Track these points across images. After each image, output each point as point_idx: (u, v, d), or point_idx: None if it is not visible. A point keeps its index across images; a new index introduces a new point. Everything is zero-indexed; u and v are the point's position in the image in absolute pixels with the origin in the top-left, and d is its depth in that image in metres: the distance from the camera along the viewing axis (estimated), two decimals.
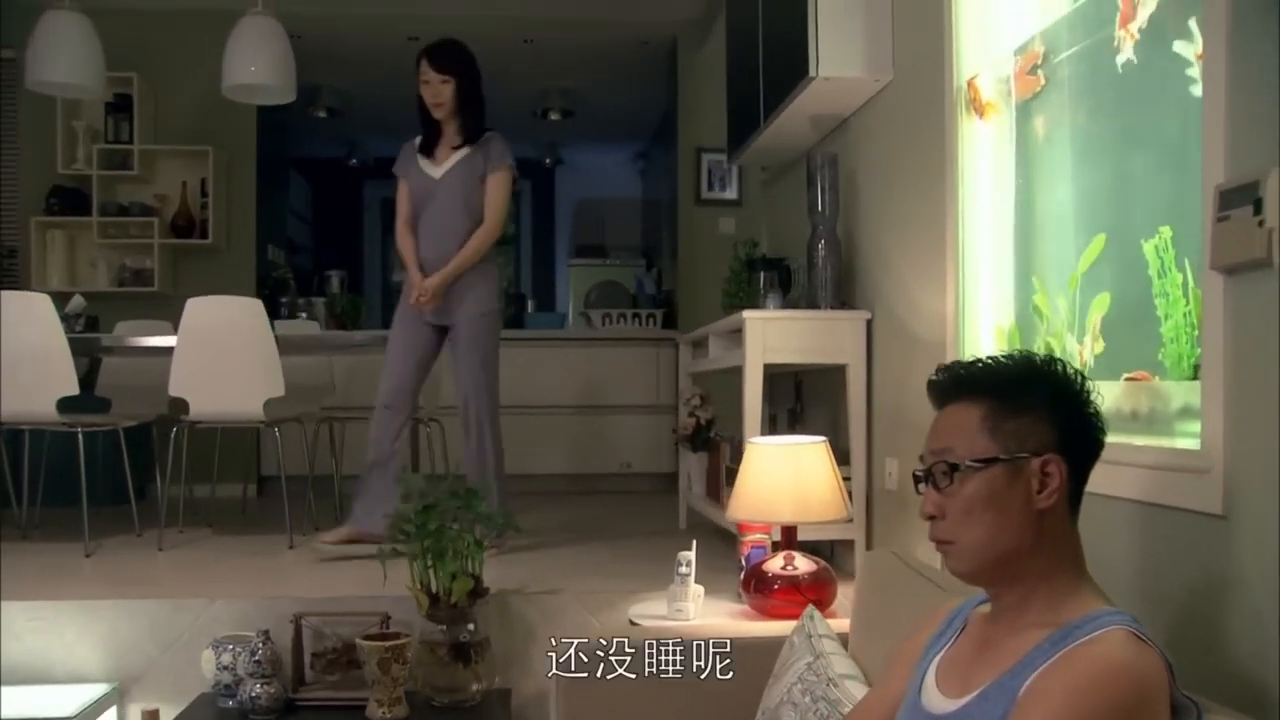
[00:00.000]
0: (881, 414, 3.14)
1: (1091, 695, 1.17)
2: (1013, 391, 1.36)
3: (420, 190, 3.68)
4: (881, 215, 3.13)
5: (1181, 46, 1.75)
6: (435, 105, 3.62)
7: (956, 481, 1.35)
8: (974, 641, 1.43)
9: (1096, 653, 1.21)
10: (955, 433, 1.37)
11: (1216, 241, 1.56)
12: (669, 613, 2.67)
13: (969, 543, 1.35)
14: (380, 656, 2.61)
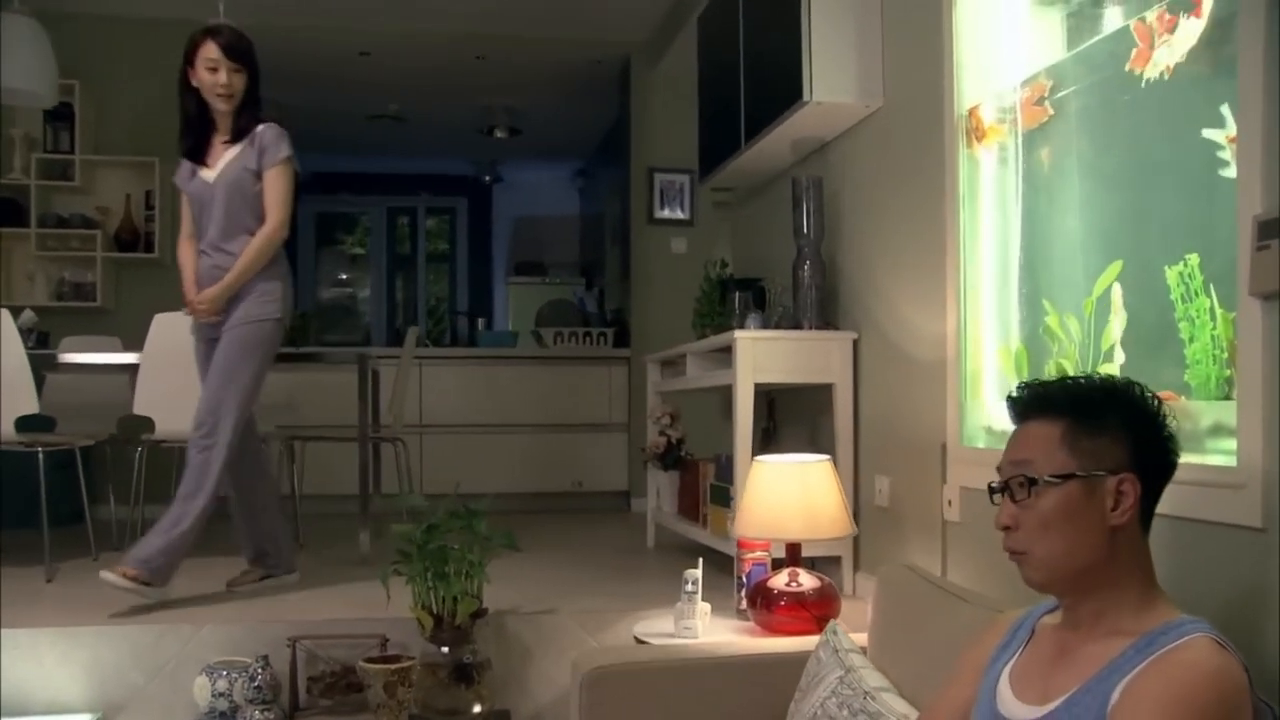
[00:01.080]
0: (869, 432, 3.21)
1: (1187, 702, 1.22)
2: (1091, 411, 1.42)
3: (199, 198, 3.31)
4: (869, 238, 3.21)
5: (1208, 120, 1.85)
6: (224, 95, 3.23)
7: (1034, 495, 1.40)
8: (1050, 650, 1.47)
9: (1187, 660, 1.27)
10: (1034, 447, 1.43)
11: (1256, 269, 1.65)
12: (676, 630, 2.69)
13: (1043, 555, 1.41)
14: (386, 680, 2.57)
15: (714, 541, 3.45)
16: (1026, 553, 1.43)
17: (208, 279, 3.27)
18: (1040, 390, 1.49)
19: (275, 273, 3.34)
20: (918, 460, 2.83)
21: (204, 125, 3.32)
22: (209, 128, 3.32)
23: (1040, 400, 1.47)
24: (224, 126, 3.31)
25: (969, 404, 2.61)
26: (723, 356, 3.66)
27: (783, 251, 3.91)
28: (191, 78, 3.25)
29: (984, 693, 1.55)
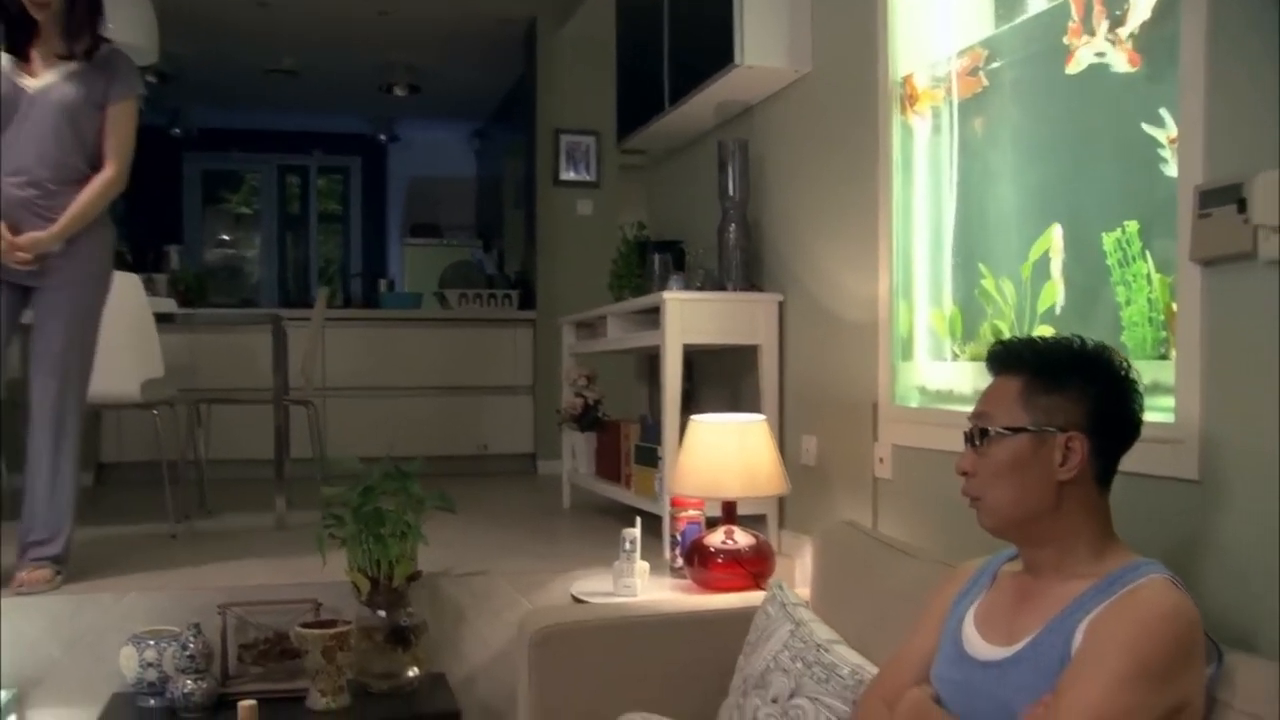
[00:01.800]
0: (794, 393, 3.27)
1: (1148, 636, 1.31)
2: (1052, 370, 1.49)
3: (10, 104, 2.77)
4: (795, 201, 3.26)
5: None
6: (38, 4, 2.74)
7: (988, 444, 1.49)
8: (1012, 594, 1.55)
9: (1146, 598, 1.36)
10: (995, 401, 1.52)
11: (1197, 236, 1.74)
12: (616, 589, 2.72)
13: (993, 502, 1.50)
14: (324, 645, 2.53)
15: (639, 501, 3.48)
16: (980, 498, 1.52)
17: (19, 216, 2.77)
18: (1010, 347, 1.57)
19: (106, 220, 2.98)
20: (847, 420, 2.90)
21: (22, 24, 2.79)
22: (31, 29, 2.79)
23: (1007, 356, 1.55)
24: (48, 35, 2.81)
25: (900, 365, 2.70)
26: (646, 318, 3.68)
27: (702, 214, 3.95)
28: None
29: (948, 636, 1.62)
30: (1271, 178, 1.59)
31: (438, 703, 2.67)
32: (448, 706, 2.65)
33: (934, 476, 2.50)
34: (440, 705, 2.66)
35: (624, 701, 2.29)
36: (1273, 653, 1.52)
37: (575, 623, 2.35)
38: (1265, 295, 1.63)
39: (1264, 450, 1.62)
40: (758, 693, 2.08)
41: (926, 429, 2.54)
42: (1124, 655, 1.30)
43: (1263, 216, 1.61)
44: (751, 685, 2.12)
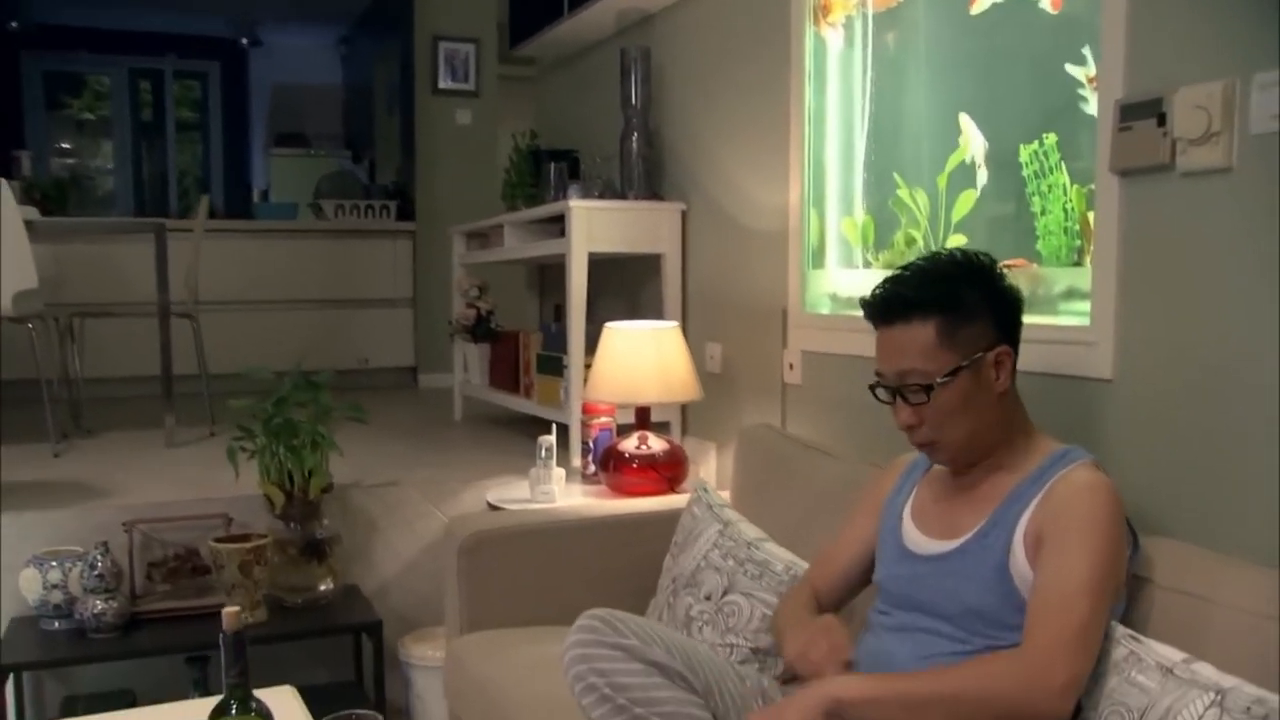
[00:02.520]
0: (697, 301, 3.32)
1: (1102, 507, 1.42)
2: (955, 300, 1.52)
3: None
4: (699, 110, 3.27)
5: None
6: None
7: (931, 398, 1.52)
8: (948, 490, 1.64)
9: (1080, 479, 1.47)
10: (914, 354, 1.52)
11: (1117, 148, 1.84)
12: (534, 495, 2.75)
13: (950, 440, 1.55)
14: (242, 559, 2.49)
15: (542, 411, 3.50)
16: (935, 443, 1.56)
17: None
18: (900, 293, 1.55)
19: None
20: (755, 327, 2.97)
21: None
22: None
23: (905, 304, 1.54)
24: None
25: (810, 273, 2.76)
26: (544, 227, 3.66)
27: (598, 123, 3.93)
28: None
29: (887, 530, 1.70)
30: (1191, 93, 1.69)
31: (357, 613, 2.67)
32: (367, 617, 2.64)
33: (844, 381, 2.60)
34: (359, 616, 2.66)
35: (551, 604, 2.35)
36: (1185, 536, 1.66)
37: (504, 528, 2.37)
38: (1181, 204, 1.74)
39: (1174, 350, 1.74)
40: (689, 591, 2.15)
41: (837, 335, 2.62)
42: (1088, 531, 1.40)
43: (1182, 130, 1.71)
44: (682, 585, 2.19)
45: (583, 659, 1.54)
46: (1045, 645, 1.33)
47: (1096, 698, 1.33)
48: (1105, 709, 1.30)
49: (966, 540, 1.54)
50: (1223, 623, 1.37)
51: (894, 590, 1.63)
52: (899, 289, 1.56)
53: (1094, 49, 1.94)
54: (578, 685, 1.54)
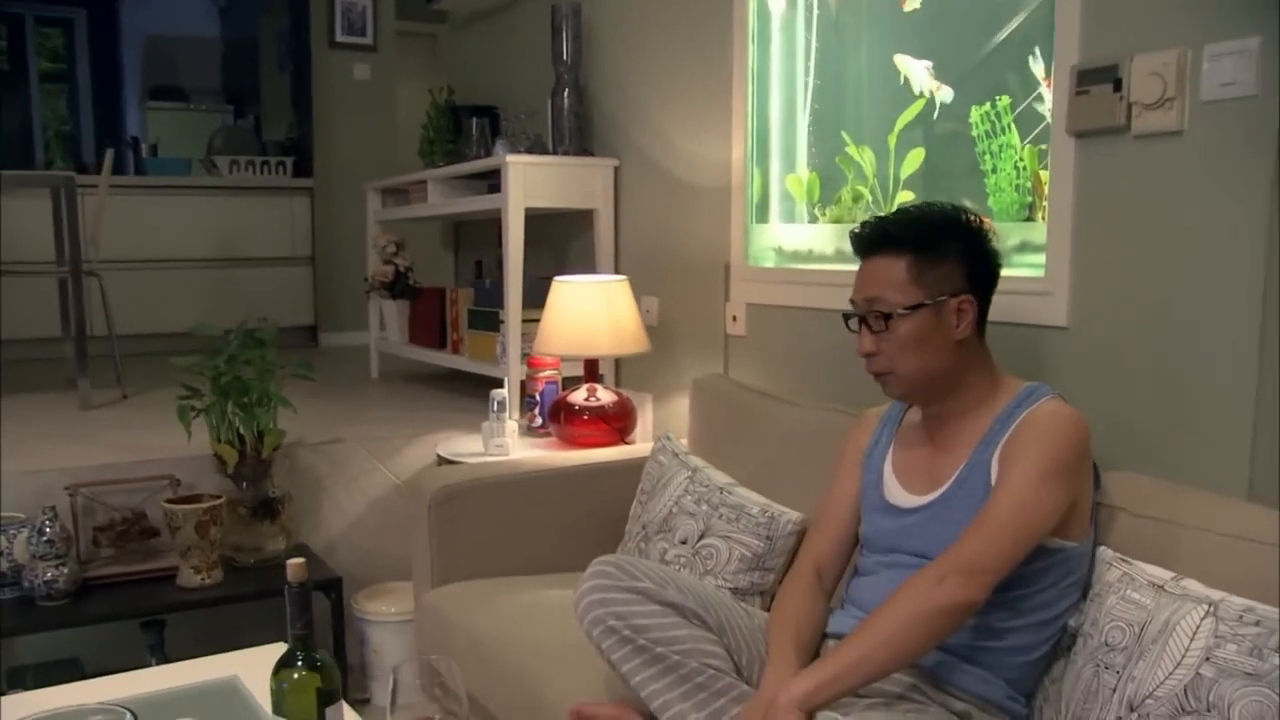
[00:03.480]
0: (630, 255, 3.37)
1: (1056, 438, 1.53)
2: (932, 244, 1.63)
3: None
4: (632, 67, 3.30)
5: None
6: None
7: (890, 326, 1.62)
8: (923, 443, 1.73)
9: (1048, 411, 1.58)
10: (884, 283, 1.63)
11: (1073, 111, 1.96)
12: (488, 449, 2.78)
13: (904, 372, 1.64)
14: (198, 520, 2.45)
15: (473, 365, 3.50)
16: (890, 372, 1.65)
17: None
18: (884, 228, 1.66)
19: None
20: (694, 281, 3.04)
21: None
22: None
23: (885, 238, 1.65)
24: None
25: (754, 228, 2.85)
26: (468, 183, 3.66)
27: (520, 78, 3.93)
28: None
29: (869, 485, 1.78)
30: (1147, 61, 1.82)
31: (314, 572, 2.64)
32: (326, 575, 2.64)
33: (791, 331, 2.70)
34: (316, 574, 2.64)
35: (520, 554, 2.40)
36: (1140, 469, 1.80)
37: (474, 480, 2.40)
38: (1135, 164, 1.87)
39: (1126, 299, 1.89)
40: (663, 537, 2.23)
41: (783, 287, 2.71)
42: (1037, 457, 1.50)
43: (1138, 95, 1.84)
44: (654, 530, 2.26)
45: (600, 603, 1.60)
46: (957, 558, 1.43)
47: (1096, 615, 1.46)
48: (1105, 624, 1.43)
49: (948, 488, 1.63)
50: (1193, 544, 1.51)
51: (881, 543, 1.71)
52: (884, 224, 1.66)
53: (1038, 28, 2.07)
54: (596, 629, 1.59)
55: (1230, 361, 1.76)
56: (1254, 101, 1.71)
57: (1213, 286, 1.78)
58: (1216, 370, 1.78)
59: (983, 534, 1.44)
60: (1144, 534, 1.57)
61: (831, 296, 2.54)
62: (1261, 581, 1.38)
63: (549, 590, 2.21)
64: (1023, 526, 1.45)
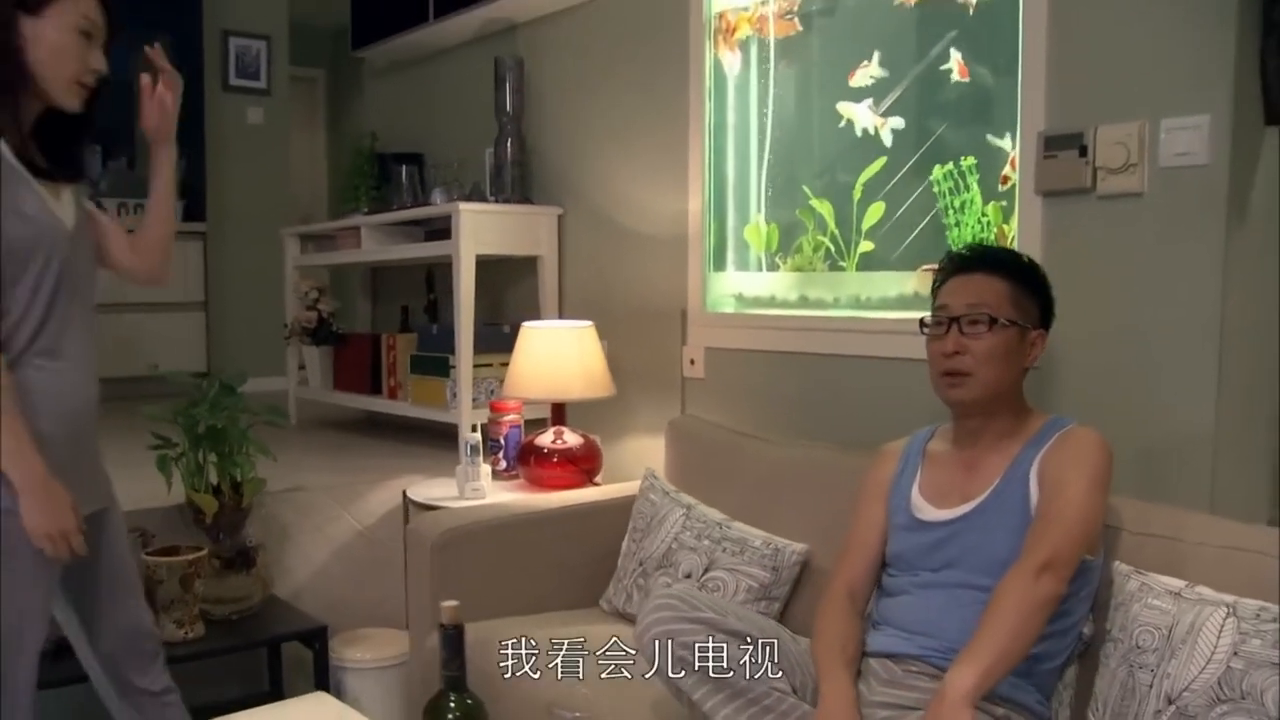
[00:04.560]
0: (574, 301, 3.47)
1: (1097, 455, 1.72)
2: (1025, 278, 1.85)
3: (49, 244, 1.73)
4: (578, 119, 3.41)
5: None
6: (88, 84, 1.77)
7: (990, 330, 1.78)
8: (954, 465, 1.89)
9: (1079, 434, 1.77)
10: (989, 295, 1.81)
11: (1041, 173, 2.19)
12: (464, 493, 2.82)
13: (984, 379, 1.80)
14: (184, 573, 2.41)
15: (417, 411, 3.52)
16: (971, 374, 1.80)
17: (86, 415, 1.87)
18: (989, 250, 1.90)
19: None
20: (646, 325, 3.14)
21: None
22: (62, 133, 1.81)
23: (990, 259, 1.86)
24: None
25: (711, 275, 3.00)
26: (405, 230, 3.69)
27: (444, 126, 4.00)
28: (28, 33, 1.69)
29: (896, 510, 1.92)
30: (1112, 131, 2.07)
31: (295, 621, 2.64)
32: (308, 624, 2.62)
33: (753, 374, 2.85)
34: (299, 624, 2.62)
35: (516, 595, 2.46)
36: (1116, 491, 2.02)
37: (472, 524, 2.44)
38: (1099, 221, 2.12)
39: (1092, 340, 2.11)
40: (664, 571, 2.32)
41: (746, 331, 2.87)
42: (1087, 470, 1.69)
43: (1104, 161, 2.08)
44: (653, 566, 2.36)
45: (668, 634, 1.69)
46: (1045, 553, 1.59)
47: (1125, 621, 1.64)
48: (1134, 630, 1.61)
49: (984, 500, 1.79)
50: (1193, 556, 1.71)
51: (913, 558, 1.85)
52: (991, 253, 1.88)
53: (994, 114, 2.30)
54: (666, 660, 1.68)
55: (1189, 394, 2.01)
56: (1205, 170, 1.97)
57: (1171, 328, 2.02)
58: (1177, 402, 2.02)
59: (1058, 532, 1.61)
60: (1146, 549, 1.76)
61: (796, 340, 2.72)
62: (1261, 586, 1.58)
63: (561, 627, 2.26)
64: (1085, 527, 1.64)
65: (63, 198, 1.78)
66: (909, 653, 1.75)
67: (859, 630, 1.85)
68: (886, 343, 2.50)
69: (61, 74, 1.72)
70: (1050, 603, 1.58)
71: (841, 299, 2.69)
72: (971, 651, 1.55)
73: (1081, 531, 1.64)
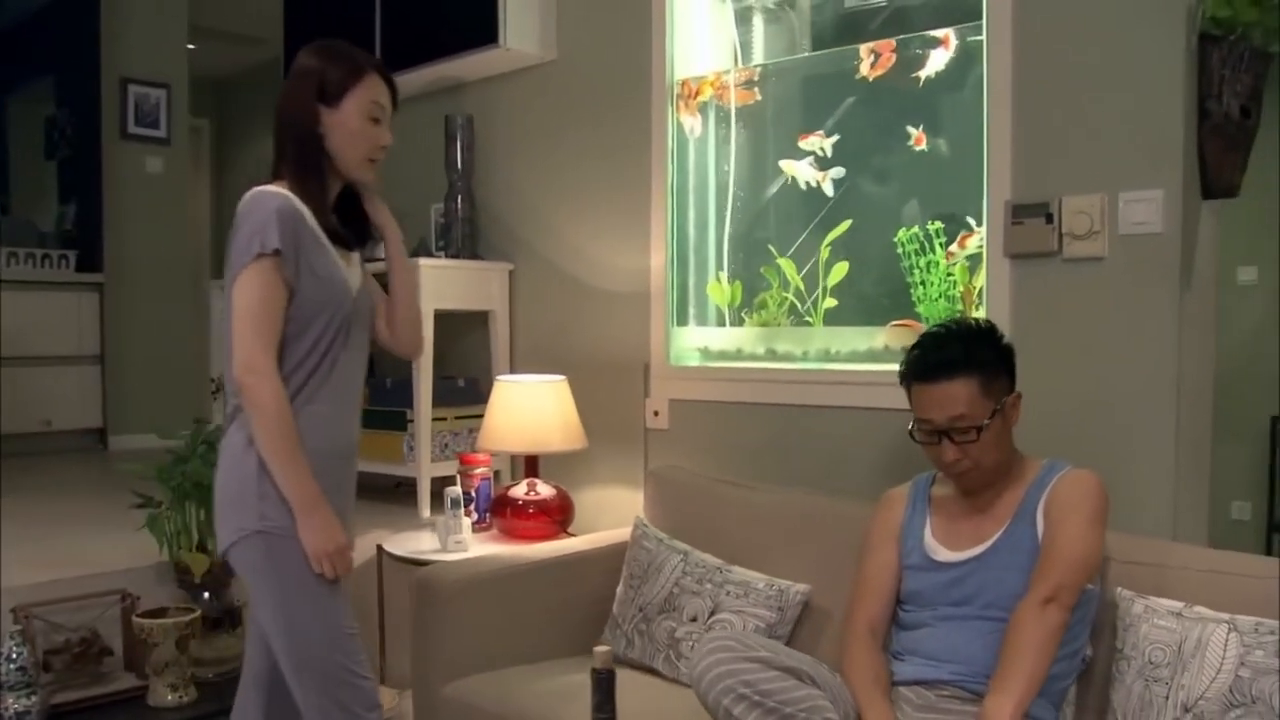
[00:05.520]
0: (526, 354, 3.54)
1: (1095, 494, 1.91)
2: (990, 363, 1.98)
3: (332, 301, 1.90)
4: (530, 177, 3.50)
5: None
6: (377, 159, 2.02)
7: (978, 433, 1.93)
8: (963, 510, 2.04)
9: (1076, 476, 1.95)
10: (963, 402, 1.93)
11: (1009, 238, 2.42)
12: (447, 545, 2.83)
13: (987, 466, 1.96)
14: (180, 635, 2.37)
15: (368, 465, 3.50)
16: (974, 469, 1.96)
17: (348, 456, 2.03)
18: (951, 356, 1.96)
19: None
20: (604, 378, 3.23)
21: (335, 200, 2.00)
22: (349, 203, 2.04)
23: (948, 364, 1.95)
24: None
25: (674, 329, 3.13)
26: None
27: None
28: (328, 121, 1.92)
29: (910, 551, 2.07)
30: (1077, 201, 2.31)
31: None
32: None
33: (718, 424, 2.99)
34: None
35: (520, 644, 2.50)
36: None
37: (475, 575, 2.47)
38: (1064, 281, 2.35)
39: (1058, 389, 2.33)
40: (667, 616, 2.41)
41: (711, 384, 3.01)
42: (1086, 509, 1.87)
43: (1070, 228, 2.32)
44: (655, 611, 2.44)
45: (729, 674, 1.79)
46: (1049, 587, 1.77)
47: (1136, 640, 1.82)
48: (1147, 647, 1.80)
49: (997, 539, 1.96)
50: (1179, 580, 1.92)
51: (931, 595, 2.00)
52: (946, 353, 1.96)
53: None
54: (727, 697, 1.78)
55: (1147, 437, 2.24)
56: (1159, 237, 2.23)
57: (1130, 378, 2.26)
58: (1135, 444, 2.26)
59: (1061, 567, 1.79)
60: (1136, 576, 1.96)
61: (762, 391, 2.88)
62: (1246, 603, 1.79)
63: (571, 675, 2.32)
64: (1086, 561, 1.82)
65: (352, 261, 1.99)
66: (941, 678, 1.90)
67: (885, 664, 1.99)
68: (853, 393, 2.68)
69: (356, 154, 1.95)
70: (1059, 630, 1.76)
71: (810, 352, 2.87)
72: (1001, 682, 1.72)
73: (1083, 565, 1.83)
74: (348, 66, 1.94)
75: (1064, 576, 1.78)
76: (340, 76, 1.92)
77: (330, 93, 1.91)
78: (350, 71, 1.94)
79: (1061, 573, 1.78)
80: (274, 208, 1.81)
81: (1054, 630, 1.74)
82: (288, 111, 1.93)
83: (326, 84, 1.91)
